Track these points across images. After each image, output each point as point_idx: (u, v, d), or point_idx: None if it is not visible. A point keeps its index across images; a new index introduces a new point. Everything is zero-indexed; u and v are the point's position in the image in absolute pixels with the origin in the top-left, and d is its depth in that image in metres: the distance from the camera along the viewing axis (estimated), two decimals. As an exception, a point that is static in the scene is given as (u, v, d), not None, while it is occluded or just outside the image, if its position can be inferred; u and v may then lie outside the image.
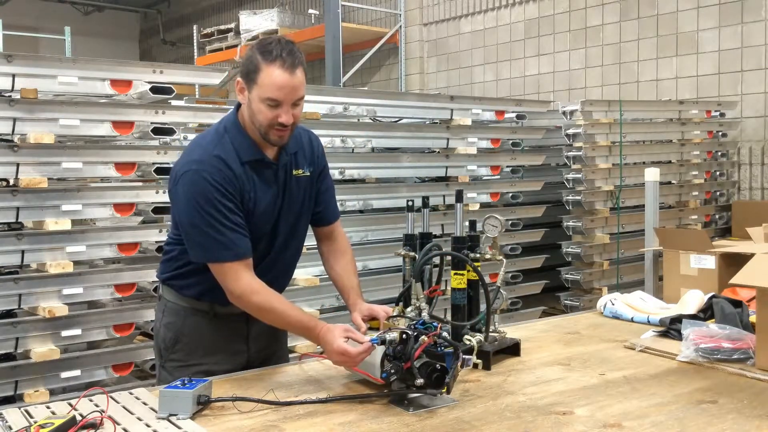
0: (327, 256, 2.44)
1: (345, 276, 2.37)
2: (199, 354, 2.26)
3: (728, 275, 2.66)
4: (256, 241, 2.16)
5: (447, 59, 9.32)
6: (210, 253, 2.08)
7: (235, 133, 2.17)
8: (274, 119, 2.07)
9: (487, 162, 5.12)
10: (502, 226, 2.32)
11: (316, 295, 4.09)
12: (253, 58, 2.08)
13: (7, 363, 3.35)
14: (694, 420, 1.75)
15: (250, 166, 2.15)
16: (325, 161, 2.40)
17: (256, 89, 2.07)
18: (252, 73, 2.08)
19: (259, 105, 2.08)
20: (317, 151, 2.36)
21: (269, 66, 2.04)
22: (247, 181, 2.14)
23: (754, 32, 6.35)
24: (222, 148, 2.12)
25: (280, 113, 2.07)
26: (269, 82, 2.04)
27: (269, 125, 2.09)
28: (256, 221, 2.17)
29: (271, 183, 2.19)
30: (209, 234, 2.06)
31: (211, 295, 2.21)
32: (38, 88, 3.39)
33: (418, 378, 1.81)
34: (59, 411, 1.81)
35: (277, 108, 2.07)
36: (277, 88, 2.04)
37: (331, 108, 4.43)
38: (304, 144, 2.32)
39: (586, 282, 5.28)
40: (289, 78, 2.05)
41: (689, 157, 5.99)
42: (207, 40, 11.07)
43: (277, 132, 2.10)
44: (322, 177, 2.37)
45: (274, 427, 1.73)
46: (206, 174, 2.06)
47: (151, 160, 3.70)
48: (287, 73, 2.04)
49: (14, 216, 3.36)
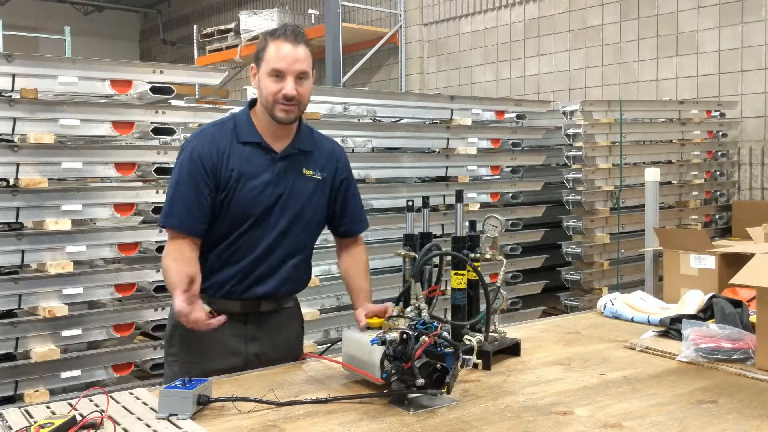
0: (343, 255, 2.51)
1: (357, 278, 2.43)
2: (194, 350, 2.28)
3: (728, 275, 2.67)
4: (241, 220, 2.23)
5: (447, 59, 9.32)
6: (162, 217, 2.25)
7: (241, 120, 2.30)
8: (278, 92, 2.17)
9: (487, 162, 5.12)
10: (502, 226, 2.32)
11: (316, 295, 4.10)
12: (261, 40, 2.24)
13: (7, 363, 3.35)
14: (694, 420, 1.75)
15: (248, 148, 2.25)
16: (346, 174, 2.44)
17: (263, 66, 2.20)
18: (260, 53, 2.22)
19: (266, 81, 2.19)
20: (337, 162, 2.41)
21: (274, 41, 2.19)
22: (237, 157, 2.23)
23: (754, 32, 6.35)
24: (219, 127, 2.28)
25: (284, 85, 2.17)
26: (273, 54, 2.18)
27: (274, 100, 2.19)
28: (242, 198, 2.22)
29: (264, 168, 2.26)
30: (169, 195, 2.22)
31: (205, 282, 2.23)
32: (38, 88, 3.39)
33: (419, 378, 1.80)
34: (59, 411, 1.81)
35: (282, 80, 2.17)
36: (281, 57, 2.16)
37: (331, 108, 4.43)
38: (323, 149, 2.39)
39: (586, 282, 5.28)
40: (291, 49, 2.18)
41: (689, 157, 5.99)
42: (207, 40, 11.07)
43: (282, 107, 2.19)
44: (343, 188, 2.42)
45: (274, 427, 1.73)
46: (193, 145, 2.23)
47: (151, 160, 3.70)
48: (290, 45, 2.18)
49: (14, 216, 3.36)
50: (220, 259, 2.26)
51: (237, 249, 2.25)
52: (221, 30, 10.82)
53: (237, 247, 2.25)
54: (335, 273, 4.17)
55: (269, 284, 2.29)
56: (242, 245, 2.24)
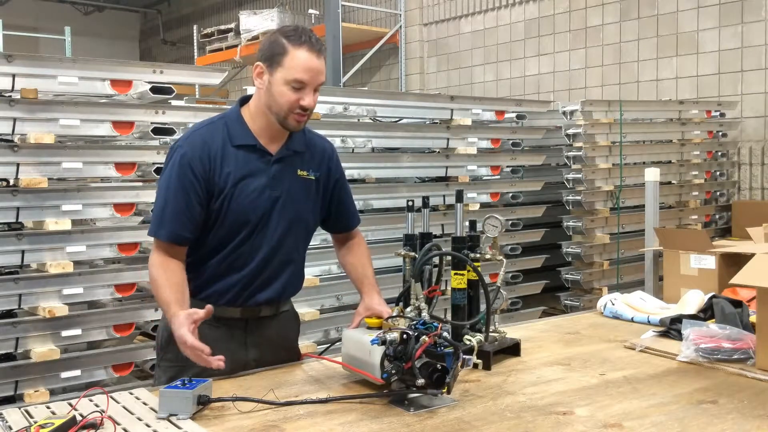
0: (341, 250, 2.49)
1: (360, 266, 2.41)
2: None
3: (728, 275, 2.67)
4: (240, 226, 2.18)
5: (447, 59, 9.32)
6: (153, 227, 2.16)
7: (232, 120, 2.22)
8: (296, 102, 2.11)
9: (487, 162, 5.12)
10: (502, 226, 2.32)
11: (316, 295, 4.09)
12: (278, 41, 2.11)
13: (7, 363, 3.35)
14: (694, 420, 1.75)
15: (243, 151, 2.18)
16: (340, 172, 2.41)
17: (280, 72, 2.10)
18: (277, 56, 2.10)
19: (282, 88, 2.10)
20: (329, 161, 2.37)
21: (297, 48, 2.09)
22: (231, 161, 2.16)
23: (754, 32, 6.35)
24: (209, 128, 2.20)
25: (303, 96, 2.11)
26: (297, 64, 2.08)
27: (290, 109, 2.12)
28: (239, 203, 2.17)
29: (260, 171, 2.20)
30: (159, 204, 2.15)
31: (207, 290, 2.21)
32: (38, 88, 3.39)
33: (419, 378, 1.80)
34: (59, 411, 1.81)
35: (301, 91, 2.10)
36: (305, 69, 2.09)
37: (331, 108, 4.42)
38: (315, 148, 2.34)
39: (586, 282, 5.28)
40: (316, 61, 2.11)
41: (689, 157, 5.99)
42: (207, 40, 11.07)
43: (297, 117, 2.14)
44: (338, 187, 2.40)
45: (274, 427, 1.73)
46: (183, 150, 2.15)
47: (151, 160, 3.70)
48: (314, 56, 2.11)
49: (14, 216, 3.36)
50: (221, 268, 2.20)
51: (239, 256, 2.20)
52: (221, 30, 10.81)
53: (239, 254, 2.20)
54: (335, 273, 4.17)
55: (272, 290, 2.26)
56: (243, 252, 2.20)
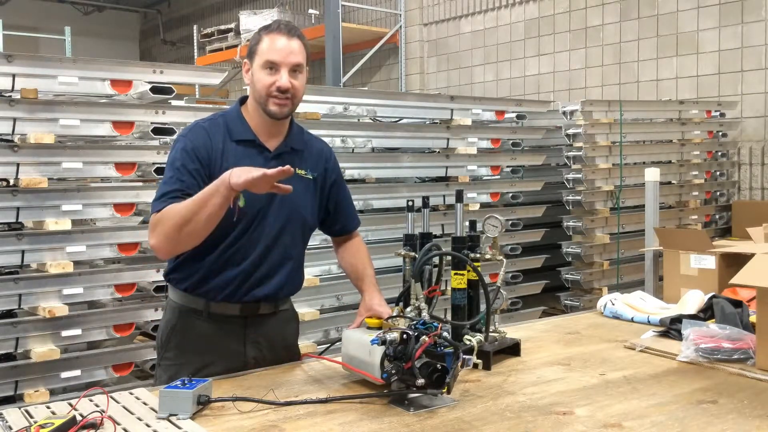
0: (340, 251, 2.51)
1: (360, 266, 2.42)
2: (192, 354, 2.25)
3: (728, 275, 2.66)
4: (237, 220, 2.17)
5: (447, 59, 9.32)
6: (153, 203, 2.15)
7: (232, 118, 2.27)
8: (272, 85, 2.15)
9: (487, 162, 5.12)
10: (502, 226, 2.32)
11: (316, 295, 4.09)
12: (255, 36, 2.22)
13: (7, 363, 3.35)
14: (694, 420, 1.75)
15: (242, 146, 2.22)
16: (337, 174, 2.44)
17: (256, 59, 2.18)
18: (254, 47, 2.20)
19: (259, 74, 2.17)
20: (326, 162, 2.40)
21: (268, 34, 2.18)
22: (232, 156, 2.18)
23: (754, 32, 6.35)
24: (210, 123, 2.24)
25: (278, 78, 2.14)
26: (267, 46, 2.16)
27: (267, 93, 2.16)
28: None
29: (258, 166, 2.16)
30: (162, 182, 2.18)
31: (205, 286, 2.22)
32: (38, 88, 3.39)
33: (419, 378, 1.80)
34: (59, 411, 1.81)
35: (275, 73, 2.15)
36: (275, 49, 2.15)
37: (331, 108, 4.43)
38: (312, 149, 2.37)
39: (586, 282, 5.28)
40: (286, 41, 2.16)
41: (689, 157, 5.99)
42: (207, 40, 11.07)
43: (276, 101, 2.17)
44: (335, 189, 2.42)
45: (274, 427, 1.73)
46: (187, 138, 2.19)
47: (151, 160, 3.70)
48: (284, 37, 2.17)
49: (14, 216, 3.36)
50: (219, 262, 2.21)
51: (236, 251, 2.21)
52: (221, 30, 10.82)
53: (236, 249, 2.21)
54: (335, 273, 4.17)
55: (269, 286, 2.27)
56: (240, 247, 2.21)
